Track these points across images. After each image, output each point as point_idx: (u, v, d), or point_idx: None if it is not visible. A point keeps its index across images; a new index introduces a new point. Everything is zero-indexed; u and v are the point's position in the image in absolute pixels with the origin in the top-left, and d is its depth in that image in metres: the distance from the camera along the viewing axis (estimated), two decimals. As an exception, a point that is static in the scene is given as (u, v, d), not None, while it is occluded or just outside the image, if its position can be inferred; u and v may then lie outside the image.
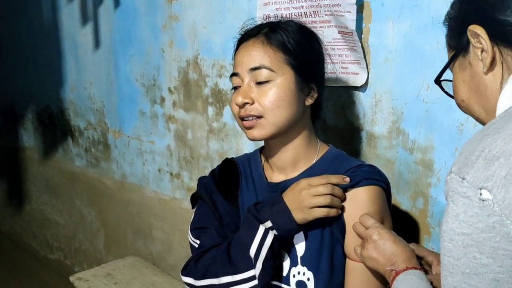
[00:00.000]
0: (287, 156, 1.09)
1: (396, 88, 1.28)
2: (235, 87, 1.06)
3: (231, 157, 1.22)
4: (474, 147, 0.61)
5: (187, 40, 1.90)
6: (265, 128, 1.02)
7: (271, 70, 1.00)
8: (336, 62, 1.36)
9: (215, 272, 1.01)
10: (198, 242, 1.09)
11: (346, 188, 1.01)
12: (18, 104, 3.26)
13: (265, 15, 1.49)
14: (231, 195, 1.12)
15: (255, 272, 0.99)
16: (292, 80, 1.02)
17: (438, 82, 0.84)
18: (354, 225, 0.98)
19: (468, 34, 0.72)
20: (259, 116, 1.01)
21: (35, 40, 2.90)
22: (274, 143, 1.09)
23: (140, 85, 2.19)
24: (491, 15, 0.70)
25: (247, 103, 1.01)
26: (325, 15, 1.35)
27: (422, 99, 1.23)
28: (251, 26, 1.09)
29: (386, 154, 1.34)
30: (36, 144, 3.15)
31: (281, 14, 1.45)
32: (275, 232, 0.98)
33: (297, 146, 1.08)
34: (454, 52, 0.77)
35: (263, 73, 1.01)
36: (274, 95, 1.00)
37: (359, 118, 1.38)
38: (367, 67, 1.32)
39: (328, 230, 1.02)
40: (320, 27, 1.37)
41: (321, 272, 1.03)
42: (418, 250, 0.95)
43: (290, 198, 0.98)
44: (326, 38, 1.36)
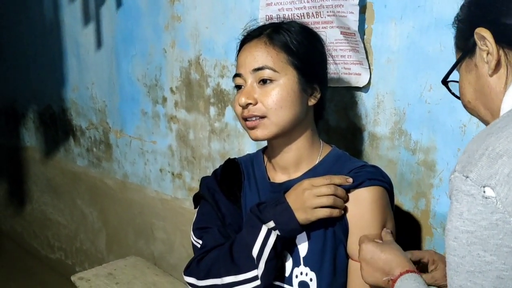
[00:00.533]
0: (290, 156, 1.09)
1: (398, 89, 1.28)
2: (238, 86, 1.06)
3: (234, 157, 1.22)
4: (478, 145, 0.61)
5: (189, 40, 1.90)
6: (268, 128, 1.02)
7: (274, 71, 1.01)
8: (339, 62, 1.36)
9: (217, 272, 1.02)
10: (200, 242, 1.09)
11: (349, 189, 1.01)
12: (20, 103, 3.26)
13: (267, 16, 1.49)
14: (234, 195, 1.12)
15: (258, 272, 0.99)
16: (295, 80, 1.02)
17: (445, 83, 0.84)
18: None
19: (475, 36, 0.72)
20: (262, 116, 1.01)
21: (36, 39, 2.90)
22: (277, 143, 1.09)
23: (142, 85, 2.19)
24: (497, 19, 0.70)
25: (250, 104, 1.01)
26: (327, 15, 1.35)
27: (425, 100, 1.23)
28: (254, 27, 1.09)
29: (388, 155, 1.34)
30: (38, 144, 3.15)
31: (283, 14, 1.45)
32: (277, 232, 0.98)
33: (300, 146, 1.09)
34: (461, 54, 0.78)
35: (266, 73, 1.01)
36: (277, 96, 1.00)
37: (362, 119, 1.38)
38: (369, 68, 1.32)
39: (331, 231, 1.02)
40: (322, 27, 1.37)
41: (323, 273, 1.03)
42: (413, 256, 0.96)
43: (293, 198, 0.98)
44: (328, 39, 1.36)
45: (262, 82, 1.02)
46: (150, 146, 2.23)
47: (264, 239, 0.98)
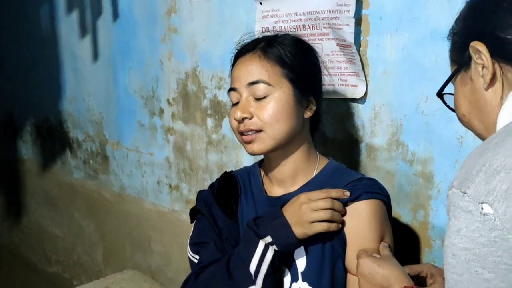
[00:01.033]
0: (287, 169, 1.09)
1: (395, 100, 1.28)
2: (233, 102, 1.06)
3: (230, 170, 1.22)
4: (475, 161, 0.61)
5: (186, 52, 1.90)
6: (264, 142, 1.02)
7: (269, 84, 1.01)
8: (335, 74, 1.36)
9: (215, 289, 1.01)
10: (197, 257, 1.08)
11: (346, 202, 1.01)
12: (17, 116, 3.26)
13: (264, 28, 1.50)
14: (231, 209, 1.11)
15: (256, 288, 0.98)
16: (290, 93, 1.02)
17: (440, 95, 0.84)
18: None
19: (470, 50, 0.72)
20: (259, 130, 1.01)
21: (34, 51, 2.90)
22: (273, 157, 1.08)
23: (139, 97, 2.19)
24: (492, 32, 0.70)
25: (246, 118, 1.01)
26: (323, 27, 1.35)
27: (421, 111, 1.23)
28: (248, 41, 1.09)
29: (386, 166, 1.33)
30: (35, 156, 3.14)
31: (279, 26, 1.45)
32: (275, 247, 0.97)
33: (296, 159, 1.08)
34: (456, 67, 0.78)
35: (261, 87, 1.01)
36: (272, 109, 1.00)
37: (359, 130, 1.38)
38: (365, 80, 1.32)
39: (329, 245, 1.02)
40: (318, 39, 1.37)
41: (322, 287, 1.02)
42: (411, 270, 0.95)
43: (290, 212, 0.98)
44: (324, 51, 1.36)
45: (257, 96, 1.01)
46: (147, 158, 2.23)
47: (262, 254, 0.97)
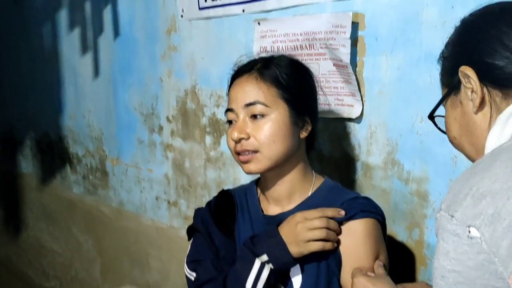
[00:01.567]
0: (283, 188, 1.10)
1: (390, 120, 1.30)
2: (229, 121, 1.08)
3: (228, 188, 1.23)
4: (462, 185, 0.62)
5: (185, 70, 1.93)
6: (261, 162, 1.03)
7: (265, 105, 1.02)
8: (332, 94, 1.38)
9: (212, 307, 1.01)
10: (194, 274, 1.09)
11: (341, 221, 1.02)
12: (17, 130, 3.28)
13: (262, 48, 1.52)
14: (227, 228, 1.12)
15: (252, 306, 0.99)
16: (286, 114, 1.04)
17: (431, 117, 0.86)
18: None
19: (459, 74, 0.74)
20: (255, 151, 1.03)
21: (35, 67, 2.94)
22: (270, 176, 1.10)
23: (138, 113, 2.21)
24: (480, 58, 0.72)
25: (243, 138, 1.03)
26: (320, 48, 1.38)
27: (416, 131, 1.25)
28: (244, 62, 1.12)
29: (381, 185, 1.35)
30: (34, 171, 3.15)
31: (277, 46, 1.48)
32: (271, 265, 0.98)
33: (293, 178, 1.10)
34: (447, 90, 0.79)
35: (258, 108, 1.03)
36: (269, 130, 1.02)
37: (355, 149, 1.39)
38: (361, 99, 1.34)
39: (325, 263, 1.02)
40: (315, 59, 1.40)
41: (318, 306, 1.03)
42: None
43: (286, 231, 0.99)
44: (321, 70, 1.39)
45: (254, 117, 1.03)
46: (146, 174, 2.24)
47: (258, 273, 0.98)
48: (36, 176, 3.13)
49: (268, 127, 1.02)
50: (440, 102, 0.81)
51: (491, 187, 0.59)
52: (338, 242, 1.01)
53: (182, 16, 1.87)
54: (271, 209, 1.12)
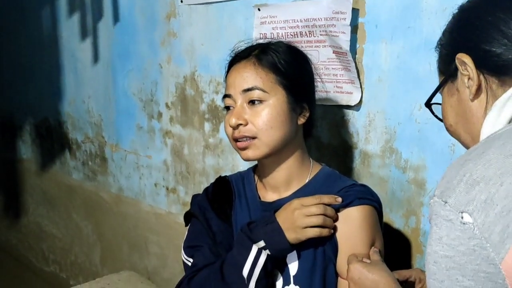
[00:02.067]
0: (281, 175, 1.10)
1: (389, 108, 1.30)
2: (227, 107, 1.08)
3: (225, 175, 1.23)
4: (456, 171, 0.62)
5: (184, 56, 1.92)
6: (259, 148, 1.03)
7: (263, 91, 1.02)
8: (331, 81, 1.38)
9: (208, 291, 1.02)
10: (191, 260, 1.10)
11: (338, 208, 1.02)
12: (17, 116, 3.27)
13: (261, 34, 1.51)
14: (225, 214, 1.13)
15: (248, 291, 0.99)
16: (284, 100, 1.04)
17: (428, 105, 0.86)
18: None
19: (456, 62, 0.74)
20: (253, 137, 1.03)
21: (34, 53, 2.92)
22: (267, 163, 1.10)
23: (137, 100, 2.20)
24: (477, 45, 0.72)
25: (241, 124, 1.03)
26: (320, 35, 1.37)
27: (415, 119, 1.25)
28: (242, 48, 1.11)
29: (379, 173, 1.35)
30: (34, 157, 3.16)
31: (277, 33, 1.47)
32: (268, 252, 0.99)
33: (290, 165, 1.10)
34: (444, 78, 0.79)
35: (256, 94, 1.02)
36: (267, 116, 1.02)
37: (353, 137, 1.39)
38: (361, 87, 1.33)
39: (321, 250, 1.03)
40: (315, 46, 1.39)
41: (313, 291, 1.04)
42: (400, 275, 0.97)
43: (283, 218, 0.99)
44: (321, 58, 1.38)
45: (252, 102, 1.03)
46: (145, 160, 2.24)
47: (255, 259, 0.99)
48: (36, 161, 3.13)
49: (266, 113, 1.02)
50: (437, 90, 0.81)
51: (485, 173, 0.59)
52: (335, 228, 1.02)
53: (181, 1, 1.86)
54: (269, 195, 1.13)
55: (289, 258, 1.04)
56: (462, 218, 0.58)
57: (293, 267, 1.05)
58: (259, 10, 1.53)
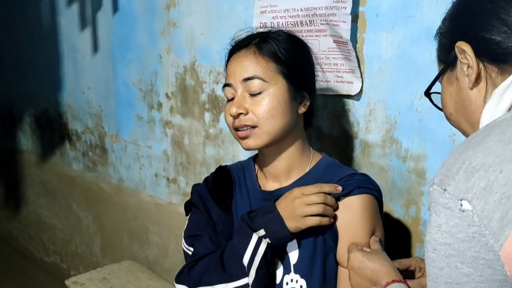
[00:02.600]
0: (281, 164, 1.10)
1: (389, 97, 1.30)
2: (227, 96, 1.07)
3: (225, 164, 1.23)
4: (455, 159, 0.62)
5: (184, 46, 1.92)
6: (260, 137, 1.03)
7: (264, 80, 1.02)
8: (331, 71, 1.37)
9: (208, 280, 1.03)
10: (191, 249, 1.10)
11: (339, 197, 1.03)
12: (16, 107, 3.27)
13: (261, 23, 1.51)
14: (225, 203, 1.13)
15: (249, 280, 1.00)
16: (284, 89, 1.03)
17: (428, 94, 0.86)
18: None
19: (456, 50, 0.74)
20: (254, 126, 1.03)
21: (33, 43, 2.91)
22: (268, 152, 1.10)
23: (137, 90, 2.20)
24: (477, 33, 0.72)
25: (241, 114, 1.02)
26: (320, 24, 1.37)
27: (415, 108, 1.25)
28: (242, 37, 1.11)
29: (379, 162, 1.35)
30: (34, 147, 3.16)
31: (277, 22, 1.46)
32: (268, 240, 0.99)
33: (291, 154, 1.10)
34: (443, 66, 0.79)
35: (256, 83, 1.02)
36: (267, 105, 1.02)
37: (354, 127, 1.39)
38: (361, 76, 1.33)
39: (321, 238, 1.04)
40: (315, 35, 1.38)
41: (313, 280, 1.04)
42: (400, 264, 0.97)
43: (283, 206, 1.00)
44: (321, 47, 1.38)
45: (252, 92, 1.03)
46: (145, 151, 2.24)
47: (255, 247, 0.99)
48: (36, 152, 3.14)
49: (266, 102, 1.02)
50: (436, 79, 0.81)
51: (484, 161, 0.59)
52: (335, 217, 1.02)
53: (181, -9, 1.85)
54: (269, 185, 1.13)
55: (289, 247, 1.05)
56: (461, 205, 0.59)
57: (293, 255, 1.05)
58: (259, -1, 1.52)
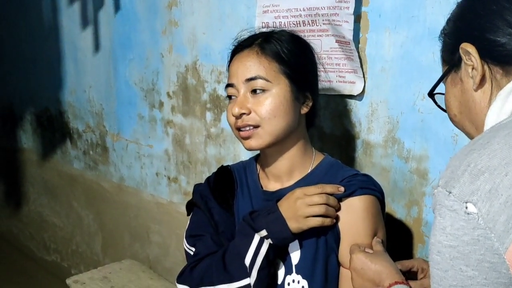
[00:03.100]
0: (283, 164, 1.10)
1: (392, 98, 1.30)
2: (229, 96, 1.07)
3: (227, 164, 1.23)
4: (461, 161, 0.62)
5: (186, 45, 1.91)
6: (262, 137, 1.03)
7: (266, 80, 1.02)
8: (333, 71, 1.37)
9: (210, 280, 1.02)
10: (193, 249, 1.10)
11: (341, 198, 1.02)
12: (18, 106, 3.27)
13: (264, 23, 1.50)
14: (227, 203, 1.13)
15: (250, 280, 1.00)
16: (287, 89, 1.03)
17: (431, 95, 0.85)
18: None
19: (460, 51, 0.73)
20: (256, 126, 1.02)
21: (35, 42, 2.91)
22: (270, 152, 1.10)
23: (139, 89, 2.20)
24: (482, 34, 0.71)
25: (244, 113, 1.02)
26: (323, 24, 1.36)
27: (418, 109, 1.24)
28: (245, 37, 1.10)
29: (381, 163, 1.35)
30: (35, 146, 3.16)
31: (279, 22, 1.46)
32: (270, 241, 0.99)
33: (293, 154, 1.10)
34: (447, 68, 0.79)
35: (259, 83, 1.02)
36: (270, 105, 1.01)
37: (356, 127, 1.39)
38: (363, 77, 1.33)
39: (323, 239, 1.03)
40: (318, 35, 1.38)
41: (315, 280, 1.04)
42: (402, 266, 0.97)
43: (285, 207, 0.99)
44: (323, 47, 1.37)
45: (254, 92, 1.03)
46: (146, 150, 2.24)
47: (257, 248, 0.99)
48: (37, 151, 3.14)
49: (269, 102, 1.01)
50: (440, 80, 0.80)
51: (489, 163, 0.59)
52: (337, 218, 1.02)
53: (183, -10, 1.85)
54: (271, 185, 1.13)
55: (291, 248, 1.05)
56: (467, 208, 0.58)
57: (295, 256, 1.05)
58: (261, -2, 1.52)
